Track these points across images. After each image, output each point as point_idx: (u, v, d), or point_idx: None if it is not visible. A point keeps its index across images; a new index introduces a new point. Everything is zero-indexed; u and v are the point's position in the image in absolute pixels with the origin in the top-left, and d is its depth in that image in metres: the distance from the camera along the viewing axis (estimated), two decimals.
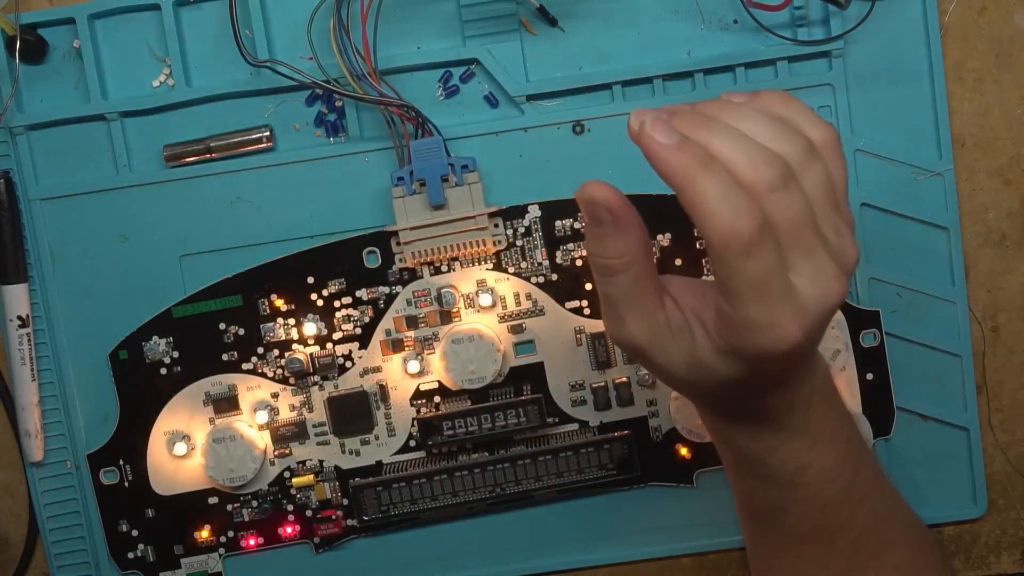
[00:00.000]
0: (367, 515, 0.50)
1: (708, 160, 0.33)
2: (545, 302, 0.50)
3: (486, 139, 0.49)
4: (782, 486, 0.40)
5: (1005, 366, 0.52)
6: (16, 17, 0.48)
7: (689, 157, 0.33)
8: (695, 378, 0.37)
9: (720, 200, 0.32)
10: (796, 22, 0.49)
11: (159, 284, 0.50)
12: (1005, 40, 0.50)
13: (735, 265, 0.33)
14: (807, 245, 0.34)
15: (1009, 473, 0.52)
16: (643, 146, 0.33)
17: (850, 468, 0.41)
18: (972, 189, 0.50)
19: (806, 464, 0.40)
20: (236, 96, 0.50)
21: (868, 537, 0.42)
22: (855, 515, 0.41)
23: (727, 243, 0.32)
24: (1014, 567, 0.53)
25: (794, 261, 0.34)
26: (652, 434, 0.51)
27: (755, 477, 0.41)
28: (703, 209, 0.32)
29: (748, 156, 0.33)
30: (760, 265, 0.33)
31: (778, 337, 0.34)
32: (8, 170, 0.50)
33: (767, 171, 0.33)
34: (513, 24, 0.49)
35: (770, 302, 0.33)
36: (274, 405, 0.50)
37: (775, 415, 0.39)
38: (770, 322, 0.33)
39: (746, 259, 0.32)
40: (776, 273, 0.33)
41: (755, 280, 0.33)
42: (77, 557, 0.52)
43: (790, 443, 0.39)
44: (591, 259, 0.37)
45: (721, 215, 0.32)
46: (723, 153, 0.33)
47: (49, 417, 0.51)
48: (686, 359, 0.37)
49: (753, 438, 0.40)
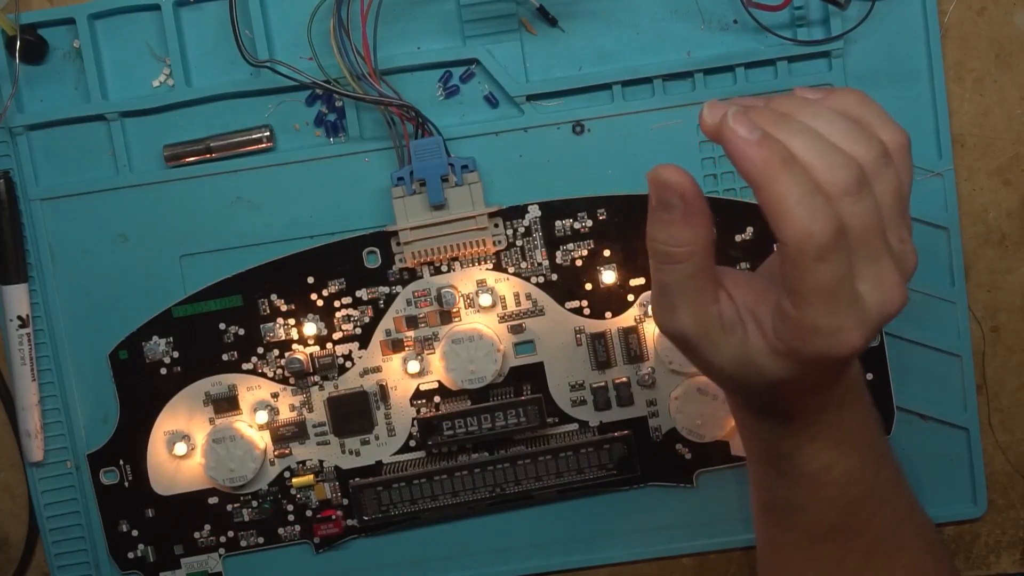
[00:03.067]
0: (367, 515, 0.50)
1: (790, 159, 0.32)
2: (545, 302, 0.50)
3: (486, 139, 0.49)
4: (805, 484, 0.40)
5: (1005, 366, 0.52)
6: (16, 17, 0.48)
7: (771, 154, 0.32)
8: (741, 375, 0.36)
9: (799, 202, 0.32)
10: (796, 22, 0.49)
11: (159, 284, 0.50)
12: (1005, 40, 0.50)
13: (807, 269, 0.32)
14: (874, 252, 0.33)
15: (1009, 473, 0.52)
16: (724, 140, 0.33)
17: (873, 469, 0.41)
18: (972, 189, 0.50)
19: (832, 463, 0.40)
20: (236, 96, 0.50)
21: (884, 539, 0.42)
22: (874, 517, 0.41)
23: (802, 246, 0.32)
24: (1014, 567, 0.53)
25: (860, 267, 0.33)
26: (652, 434, 0.51)
27: (779, 473, 0.41)
28: (781, 209, 0.32)
29: (825, 158, 0.33)
30: (832, 270, 0.32)
31: (840, 343, 0.33)
32: (8, 170, 0.50)
33: (843, 175, 0.32)
34: (513, 24, 0.49)
35: (837, 308, 0.33)
36: (274, 405, 0.50)
37: (807, 413, 0.38)
38: (834, 328, 0.33)
39: (819, 263, 0.32)
40: (846, 279, 0.33)
41: (825, 285, 0.32)
42: (77, 557, 0.52)
43: (819, 441, 0.39)
44: (651, 244, 0.36)
45: (799, 217, 0.32)
46: (800, 153, 0.33)
47: (49, 417, 0.51)
48: (735, 356, 0.36)
49: (783, 434, 0.39)
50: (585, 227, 0.49)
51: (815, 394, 0.38)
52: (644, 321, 0.50)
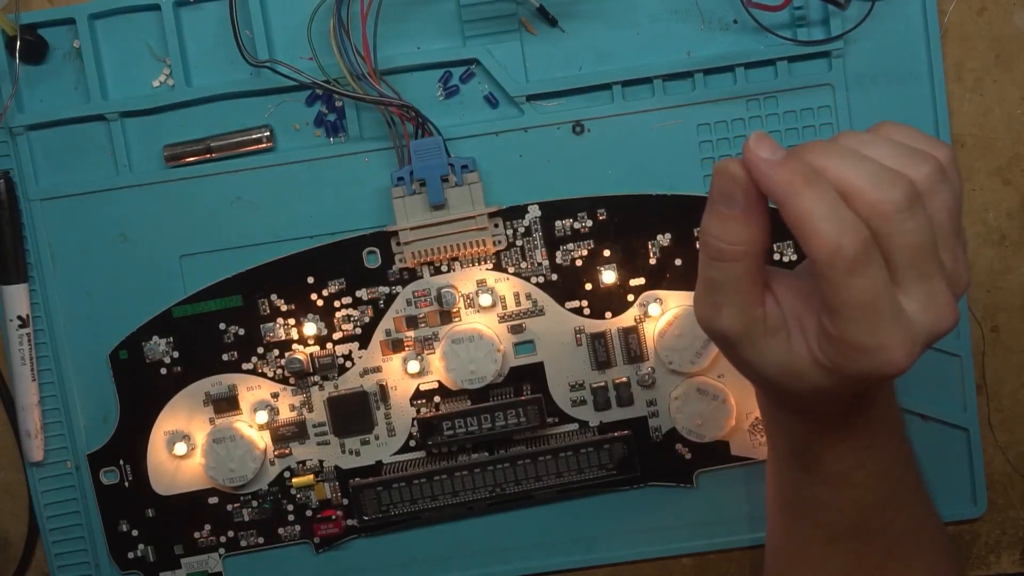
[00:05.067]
0: (367, 515, 0.50)
1: (813, 176, 0.32)
2: (545, 302, 0.50)
3: (486, 139, 0.49)
4: (831, 482, 0.40)
5: (1005, 366, 0.52)
6: (16, 17, 0.48)
7: (791, 172, 0.32)
8: (780, 379, 0.36)
9: (825, 217, 0.31)
10: (796, 22, 0.49)
11: (159, 284, 0.50)
12: (1005, 40, 0.50)
13: (839, 283, 0.32)
14: (925, 270, 0.33)
15: (1009, 473, 0.52)
16: (746, 161, 0.33)
17: (898, 471, 0.41)
18: (972, 189, 0.50)
19: (859, 463, 0.39)
20: (236, 96, 0.50)
21: (903, 540, 0.41)
22: (896, 518, 0.41)
23: (831, 261, 0.32)
24: (1014, 567, 0.53)
25: (909, 285, 0.33)
26: (652, 434, 0.51)
27: (805, 471, 0.40)
28: (807, 225, 0.32)
29: (872, 176, 0.32)
30: (866, 285, 0.32)
31: (884, 362, 0.33)
32: (8, 170, 0.50)
33: (892, 191, 0.32)
34: (513, 24, 0.49)
35: (876, 324, 0.32)
36: (274, 405, 0.50)
37: (840, 412, 0.38)
38: (876, 345, 0.32)
39: (851, 277, 0.32)
40: (883, 295, 0.32)
41: (860, 300, 0.32)
42: (77, 557, 0.52)
43: (849, 441, 0.39)
44: (704, 237, 0.35)
45: (825, 232, 0.31)
46: (844, 175, 0.32)
47: (49, 417, 0.51)
48: (777, 360, 0.36)
49: (813, 432, 0.39)
50: (585, 227, 0.49)
51: (853, 399, 0.37)
52: (644, 321, 0.50)
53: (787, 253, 0.49)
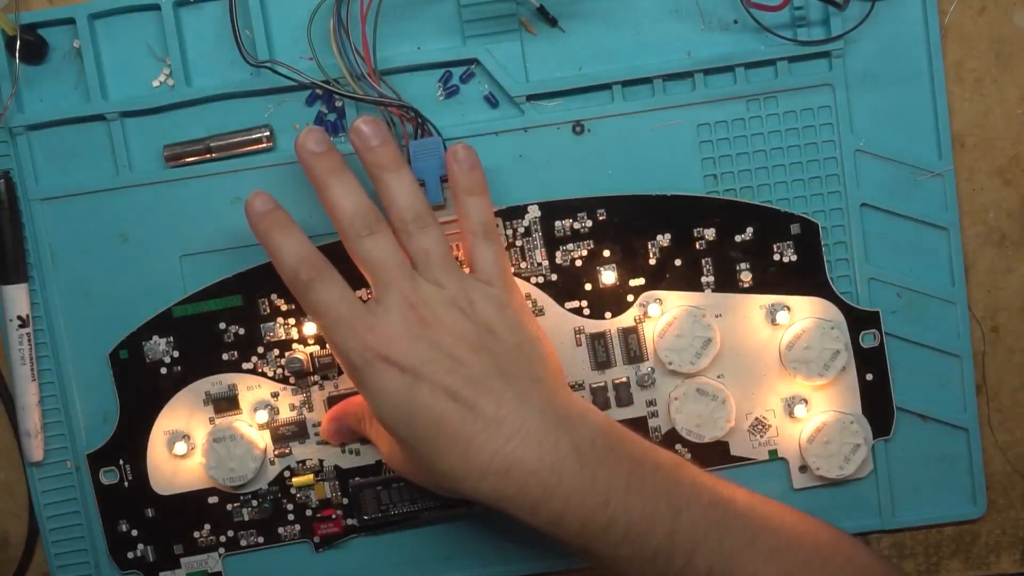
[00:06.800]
0: (367, 515, 0.50)
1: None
2: (545, 302, 0.50)
3: (486, 139, 0.49)
4: (594, 548, 0.41)
5: (1005, 366, 0.52)
6: (16, 17, 0.48)
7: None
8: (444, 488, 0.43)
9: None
10: (796, 22, 0.49)
11: (159, 284, 0.50)
12: (1005, 40, 0.50)
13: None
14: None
15: (1009, 473, 0.52)
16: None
17: (667, 515, 0.41)
18: (972, 189, 0.50)
19: (608, 521, 0.40)
20: (236, 96, 0.50)
21: (718, 574, 0.41)
22: (691, 561, 0.41)
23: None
24: (1014, 567, 0.53)
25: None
26: (652, 434, 0.51)
27: (573, 547, 0.42)
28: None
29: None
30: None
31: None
32: (8, 170, 0.50)
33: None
34: (513, 24, 0.49)
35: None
36: (274, 405, 0.50)
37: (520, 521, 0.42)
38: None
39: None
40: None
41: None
42: (77, 557, 0.52)
43: (578, 508, 0.40)
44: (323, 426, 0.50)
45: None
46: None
47: (49, 417, 0.51)
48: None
49: (533, 514, 0.41)
50: (585, 227, 0.49)
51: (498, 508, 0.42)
52: (643, 321, 0.50)
53: (787, 254, 0.49)
